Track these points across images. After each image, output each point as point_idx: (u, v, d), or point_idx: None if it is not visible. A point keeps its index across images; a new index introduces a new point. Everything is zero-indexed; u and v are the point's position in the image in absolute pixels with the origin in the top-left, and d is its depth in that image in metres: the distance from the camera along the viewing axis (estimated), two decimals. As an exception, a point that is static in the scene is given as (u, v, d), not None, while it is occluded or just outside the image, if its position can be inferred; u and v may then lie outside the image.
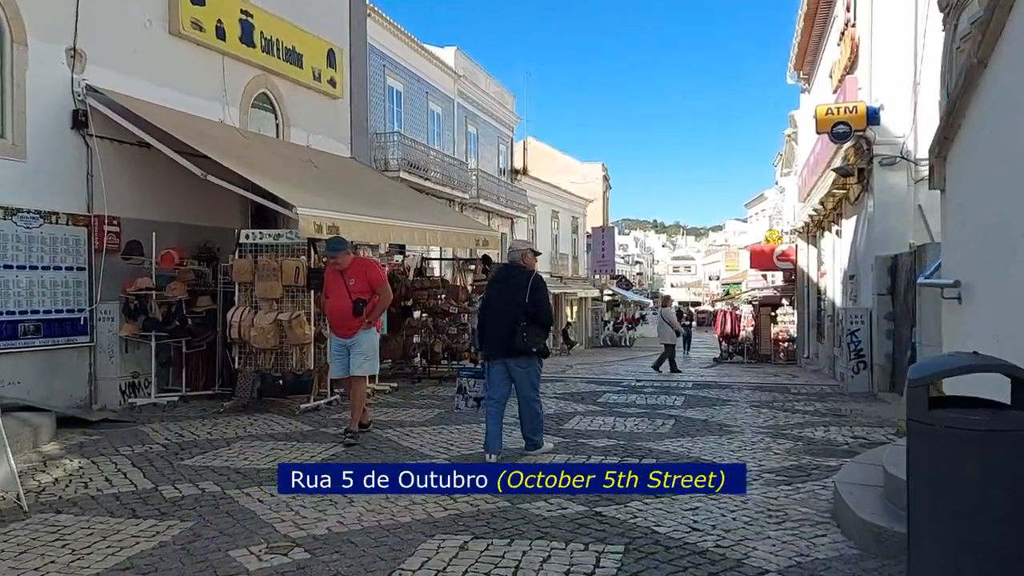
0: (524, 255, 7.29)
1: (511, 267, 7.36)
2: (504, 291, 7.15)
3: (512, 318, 6.92)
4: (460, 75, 28.17)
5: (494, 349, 7.14)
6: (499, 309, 7.07)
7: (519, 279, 7.07)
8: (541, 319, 7.03)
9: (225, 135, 12.15)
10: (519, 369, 7.06)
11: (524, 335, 6.86)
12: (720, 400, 11.72)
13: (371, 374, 8.31)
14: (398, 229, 11.87)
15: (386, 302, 8.23)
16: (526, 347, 6.93)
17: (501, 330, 6.97)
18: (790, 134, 28.00)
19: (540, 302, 7.00)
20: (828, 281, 19.04)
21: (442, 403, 10.96)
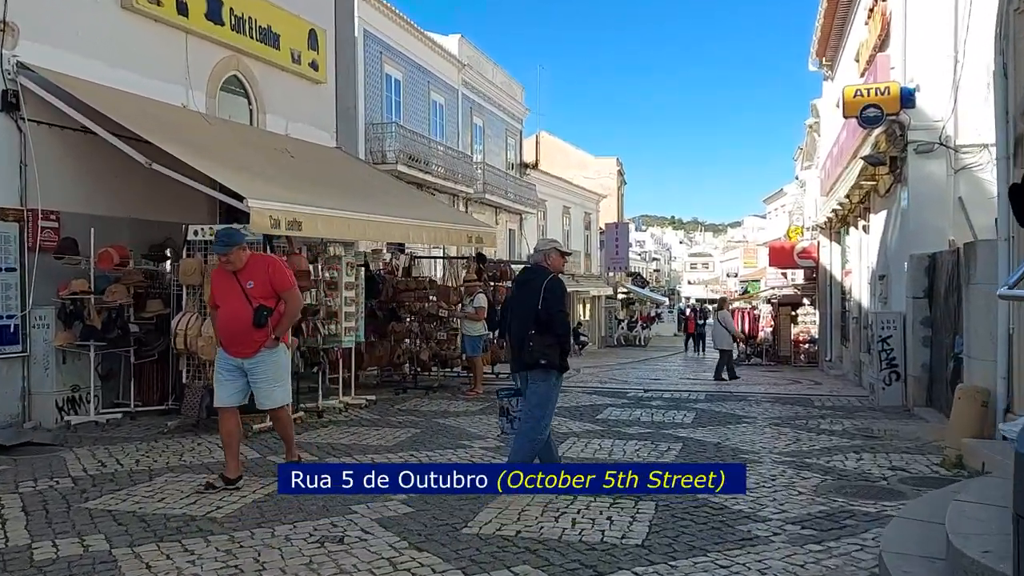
0: (548, 255, 6.46)
1: (532, 269, 6.62)
2: (522, 296, 6.41)
3: (524, 326, 6.19)
4: (464, 64, 26.94)
5: (513, 361, 6.51)
6: (516, 316, 6.39)
7: (536, 282, 6.30)
8: (552, 327, 6.15)
9: (187, 121, 11.01)
10: (531, 384, 6.26)
11: (531, 345, 6.09)
12: (735, 416, 10.44)
13: (284, 404, 6.48)
14: (377, 225, 10.66)
15: (295, 311, 6.45)
16: (535, 359, 6.12)
17: (517, 340, 6.30)
18: (812, 124, 26.56)
19: (551, 308, 6.15)
20: (854, 281, 17.68)
21: (422, 419, 9.75)
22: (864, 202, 15.71)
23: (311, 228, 9.19)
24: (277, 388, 6.31)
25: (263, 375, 6.20)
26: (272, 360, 6.24)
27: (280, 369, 6.33)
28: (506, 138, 31.92)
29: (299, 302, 6.55)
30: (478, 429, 9.12)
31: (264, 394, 6.26)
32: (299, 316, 6.52)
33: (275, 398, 6.32)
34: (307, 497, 5.92)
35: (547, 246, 6.58)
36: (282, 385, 6.38)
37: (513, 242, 31.22)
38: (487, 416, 10.13)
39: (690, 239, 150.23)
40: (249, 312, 6.08)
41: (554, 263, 6.44)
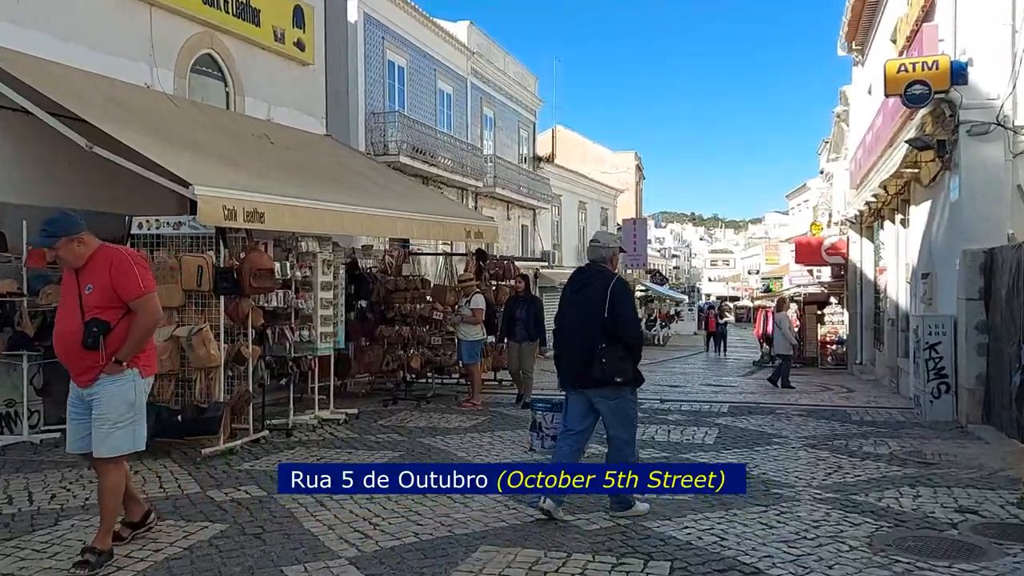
0: (615, 254, 5.78)
1: (590, 270, 5.75)
2: (580, 302, 5.60)
3: (588, 338, 5.41)
4: (474, 52, 25.68)
5: (569, 376, 5.66)
6: (573, 325, 5.59)
7: (597, 286, 5.50)
8: (626, 339, 5.44)
9: (149, 103, 9.88)
10: (604, 402, 5.52)
11: (603, 361, 5.32)
12: (764, 435, 9.15)
13: (127, 453, 4.62)
14: (357, 217, 9.47)
15: (145, 327, 4.58)
16: (606, 377, 5.37)
17: (576, 353, 5.49)
18: (840, 113, 25.10)
19: (624, 317, 5.44)
20: (889, 279, 16.30)
21: (405, 439, 8.55)
22: (902, 193, 14.34)
23: (276, 220, 8.02)
24: (116, 432, 4.51)
25: (100, 411, 4.51)
26: (113, 392, 4.52)
27: (122, 405, 4.53)
28: (518, 130, 30.65)
29: (153, 314, 4.63)
30: (467, 452, 7.91)
31: (99, 437, 4.50)
32: (148, 334, 4.66)
33: (111, 444, 4.51)
34: (233, 554, 4.74)
35: (612, 243, 5.78)
36: (124, 428, 4.53)
37: (526, 238, 30.00)
38: (480, 435, 8.92)
39: (710, 236, 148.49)
40: (79, 326, 4.48)
41: (615, 263, 5.75)
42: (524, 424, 9.63)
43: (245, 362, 7.87)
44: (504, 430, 9.22)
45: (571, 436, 5.69)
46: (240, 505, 5.85)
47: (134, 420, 4.59)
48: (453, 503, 5.90)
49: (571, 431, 5.69)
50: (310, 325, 9.16)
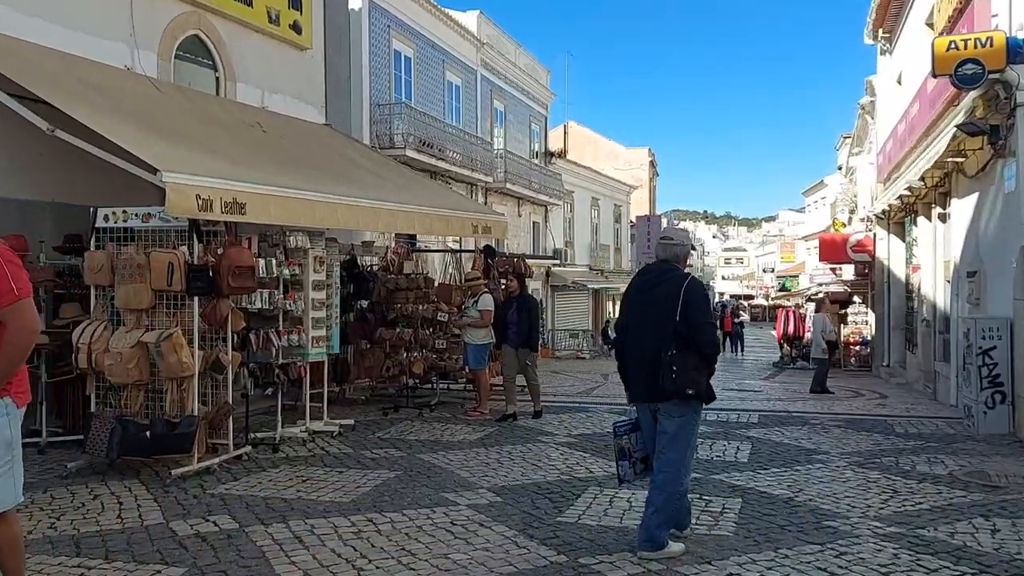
0: (687, 252, 5.17)
1: (659, 269, 5.07)
2: (648, 303, 4.94)
3: (657, 344, 4.77)
4: (484, 43, 24.81)
5: (636, 387, 5.02)
6: (640, 329, 4.94)
7: (669, 286, 4.86)
8: (701, 345, 4.79)
9: (127, 86, 9.04)
10: (669, 419, 4.84)
11: (674, 370, 4.67)
12: (803, 451, 8.24)
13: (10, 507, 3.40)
14: (352, 210, 8.61)
15: (21, 342, 3.34)
16: (677, 388, 4.69)
17: (644, 361, 4.86)
18: (865, 105, 24.06)
19: (700, 321, 4.80)
20: (924, 277, 15.33)
21: (404, 455, 7.69)
22: (942, 185, 13.37)
23: (260, 211, 7.17)
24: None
25: None
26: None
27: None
28: (530, 124, 29.75)
29: (28, 326, 3.35)
30: (471, 471, 7.04)
31: None
32: (24, 352, 3.36)
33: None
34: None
35: (685, 240, 5.14)
36: (3, 476, 3.31)
37: (537, 235, 29.12)
38: (488, 450, 8.05)
39: (723, 234, 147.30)
40: None
41: (685, 260, 5.11)
42: (536, 436, 8.78)
43: (224, 370, 7.03)
44: (514, 443, 8.35)
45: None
46: (205, 541, 5.00)
47: (12, 463, 3.35)
48: (453, 540, 5.05)
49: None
50: (300, 328, 8.31)
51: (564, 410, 10.97)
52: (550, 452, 7.93)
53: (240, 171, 7.51)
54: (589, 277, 33.56)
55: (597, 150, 44.39)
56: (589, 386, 15.10)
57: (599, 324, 34.53)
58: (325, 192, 8.39)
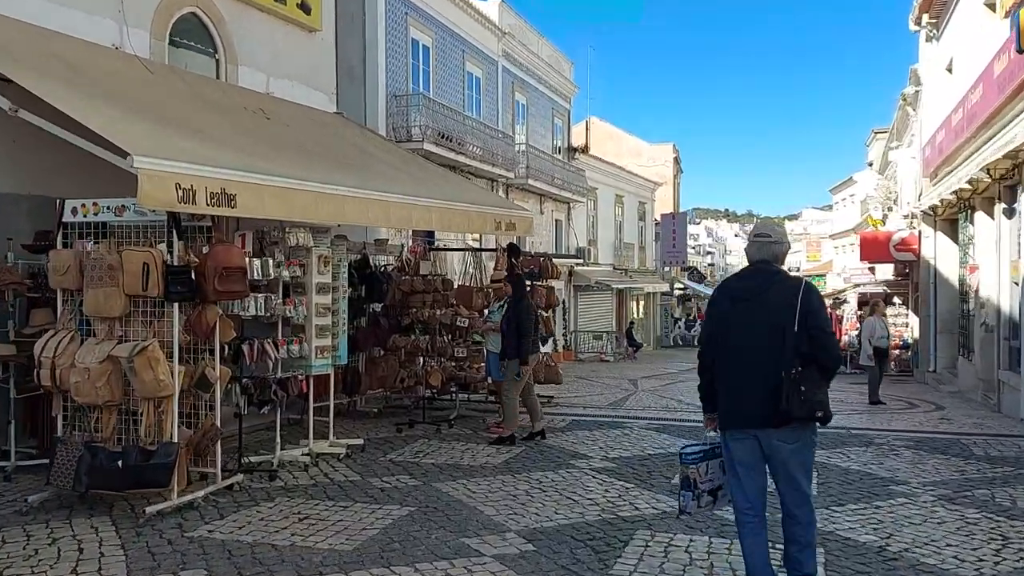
0: (786, 249, 4.39)
1: (761, 273, 4.30)
2: (754, 313, 4.18)
3: (772, 360, 4.06)
4: (506, 32, 23.80)
5: (737, 413, 4.20)
6: (747, 345, 4.17)
7: (779, 293, 4.16)
8: (823, 361, 4.10)
9: (113, 67, 8.12)
10: (784, 447, 4.10)
11: (803, 390, 3.96)
12: (878, 481, 7.15)
13: None
14: (362, 203, 7.60)
15: None
16: (808, 410, 3.99)
17: (751, 381, 4.13)
18: (907, 96, 22.80)
19: (823, 332, 4.14)
20: (984, 278, 14.13)
21: (419, 484, 6.70)
22: (1009, 177, 12.22)
23: (253, 204, 6.18)
24: None
25: None
26: None
27: None
28: (552, 119, 28.70)
29: None
30: (496, 507, 6.03)
31: None
32: None
33: None
34: None
35: (784, 237, 4.37)
36: None
37: (560, 234, 28.08)
38: (515, 477, 7.04)
39: (745, 232, 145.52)
40: None
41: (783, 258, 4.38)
42: (568, 460, 7.77)
43: (211, 388, 6.08)
44: (544, 469, 7.34)
45: (750, 514, 4.21)
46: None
47: None
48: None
49: (747, 505, 4.21)
50: (302, 337, 7.35)
51: (596, 425, 9.95)
52: (586, 481, 6.91)
53: (232, 158, 6.54)
54: (613, 277, 32.48)
55: (620, 146, 43.32)
56: (619, 395, 14.06)
57: (623, 325, 33.48)
58: (331, 183, 7.40)
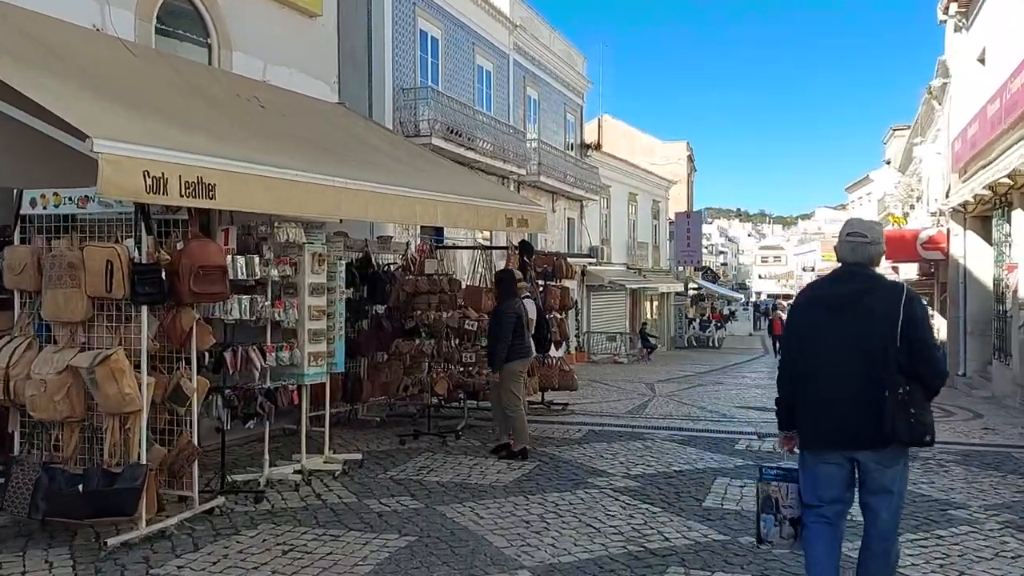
0: (883, 251, 3.95)
1: (856, 277, 3.86)
2: (848, 322, 3.74)
3: (870, 376, 3.63)
4: (517, 25, 23.12)
5: (826, 432, 3.77)
6: (840, 358, 3.73)
7: (878, 301, 3.72)
8: (927, 378, 3.66)
9: (91, 48, 7.49)
10: (881, 471, 3.70)
11: (912, 412, 3.54)
12: (932, 504, 6.41)
13: None
14: (360, 196, 6.90)
15: None
16: (913, 435, 3.58)
17: (845, 397, 3.69)
18: (933, 89, 21.97)
19: (928, 346, 3.71)
20: (1022, 278, 13.37)
21: (421, 507, 6.02)
22: (1054, 171, 11.46)
23: (236, 195, 5.51)
24: None
25: None
26: None
27: None
28: (564, 114, 28.00)
29: None
30: (506, 537, 5.34)
31: None
32: None
33: None
34: None
35: (880, 237, 3.89)
36: None
37: (572, 233, 27.36)
38: (528, 499, 6.34)
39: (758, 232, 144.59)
40: None
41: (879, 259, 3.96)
42: (586, 477, 7.07)
43: (187, 401, 5.41)
44: (561, 490, 6.63)
45: (821, 521, 3.82)
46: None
47: None
48: None
49: (820, 513, 3.82)
50: (294, 343, 6.68)
51: (614, 436, 9.24)
52: (607, 504, 6.21)
53: (212, 144, 5.88)
54: (626, 276, 31.76)
55: (632, 144, 42.57)
56: (637, 401, 13.34)
57: (637, 326, 32.77)
58: (327, 174, 6.72)
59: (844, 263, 3.92)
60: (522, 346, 8.06)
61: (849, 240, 3.87)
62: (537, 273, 10.64)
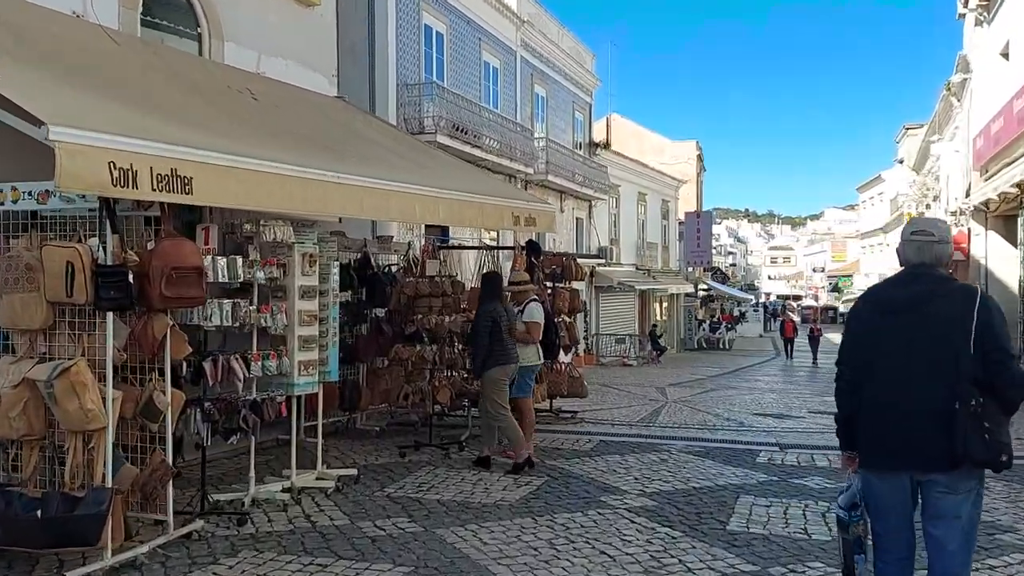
0: (951, 251, 3.60)
1: (923, 279, 3.46)
2: (915, 328, 3.35)
3: (940, 388, 3.23)
4: (525, 21, 22.60)
5: (890, 450, 3.37)
6: (906, 367, 3.34)
7: (951, 304, 3.33)
8: (1005, 388, 3.22)
9: (69, 35, 7.01)
10: (951, 498, 3.26)
11: (987, 427, 3.14)
12: (999, 528, 5.87)
13: None
14: (352, 192, 6.41)
15: None
16: (989, 455, 3.16)
17: (911, 412, 3.30)
18: (952, 85, 21.40)
19: (1007, 355, 3.24)
20: (1052, 280, 12.81)
21: (420, 531, 5.51)
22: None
23: (214, 190, 5.02)
24: None
25: None
26: None
27: None
28: (573, 112, 27.47)
29: None
30: (513, 568, 4.83)
31: None
32: None
33: None
34: None
35: (948, 236, 3.53)
36: None
37: (580, 233, 26.84)
38: (535, 520, 5.83)
39: (767, 232, 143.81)
40: None
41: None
42: (598, 495, 6.55)
43: (160, 416, 4.92)
44: (572, 510, 6.11)
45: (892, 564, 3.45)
46: None
47: None
48: None
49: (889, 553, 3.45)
50: (284, 350, 6.18)
51: (627, 448, 8.71)
52: (622, 526, 5.69)
53: (193, 135, 5.38)
54: (636, 277, 31.20)
55: (641, 144, 42.04)
56: (648, 408, 12.81)
57: (646, 327, 32.22)
58: (319, 168, 6.22)
59: (908, 264, 3.54)
60: (502, 352, 7.55)
61: (914, 239, 3.49)
62: (545, 275, 10.12)
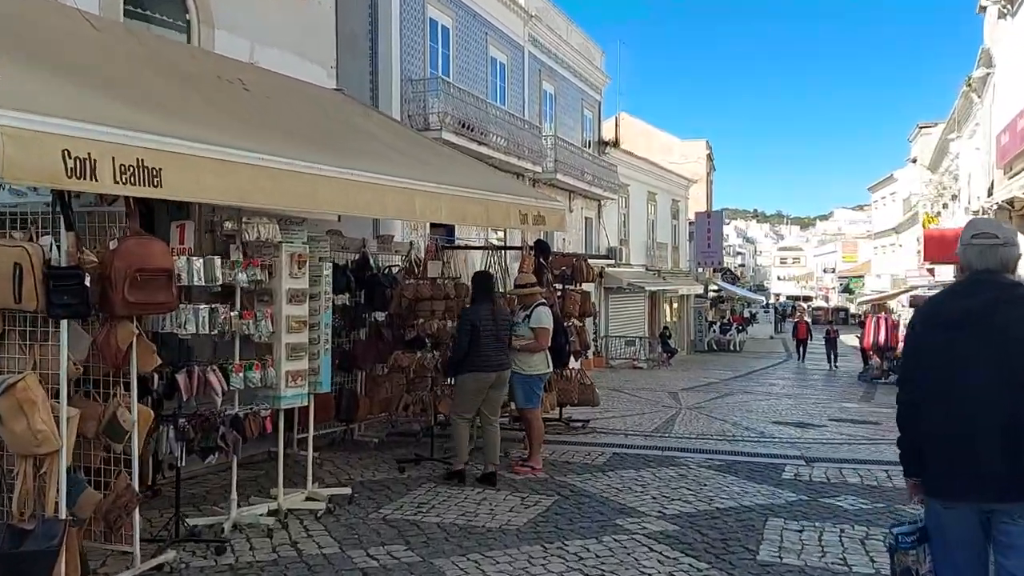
0: (1019, 254, 3.18)
1: (989, 285, 3.09)
2: (982, 340, 2.99)
3: (1011, 407, 2.92)
4: (532, 15, 22.08)
5: (956, 478, 3.02)
6: (968, 384, 2.99)
7: (1019, 310, 3.00)
8: None
9: (45, 19, 6.49)
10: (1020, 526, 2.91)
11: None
12: None
13: None
14: (345, 186, 5.87)
15: None
16: None
17: (978, 435, 2.97)
18: (973, 81, 20.78)
19: None
20: (1087, 281, 12.19)
21: (417, 560, 4.97)
22: None
23: (187, 182, 4.47)
24: None
25: None
26: None
27: None
28: (582, 110, 26.92)
29: None
30: (521, 606, 4.30)
31: None
32: None
33: None
34: None
35: (1012, 236, 3.14)
36: None
37: (589, 233, 26.29)
38: (544, 547, 5.28)
39: (775, 233, 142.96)
40: None
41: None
42: (613, 517, 6.00)
43: (125, 435, 4.39)
44: (585, 536, 5.57)
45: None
46: None
47: None
48: None
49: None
50: (269, 360, 5.65)
51: (643, 461, 8.15)
52: (641, 556, 5.14)
53: (166, 123, 4.85)
54: (646, 278, 30.61)
55: (651, 143, 41.47)
56: (662, 415, 12.25)
57: (656, 329, 31.64)
58: (307, 160, 5.69)
59: (970, 270, 3.20)
60: (480, 359, 7.02)
61: (975, 243, 3.17)
62: (555, 276, 9.58)
